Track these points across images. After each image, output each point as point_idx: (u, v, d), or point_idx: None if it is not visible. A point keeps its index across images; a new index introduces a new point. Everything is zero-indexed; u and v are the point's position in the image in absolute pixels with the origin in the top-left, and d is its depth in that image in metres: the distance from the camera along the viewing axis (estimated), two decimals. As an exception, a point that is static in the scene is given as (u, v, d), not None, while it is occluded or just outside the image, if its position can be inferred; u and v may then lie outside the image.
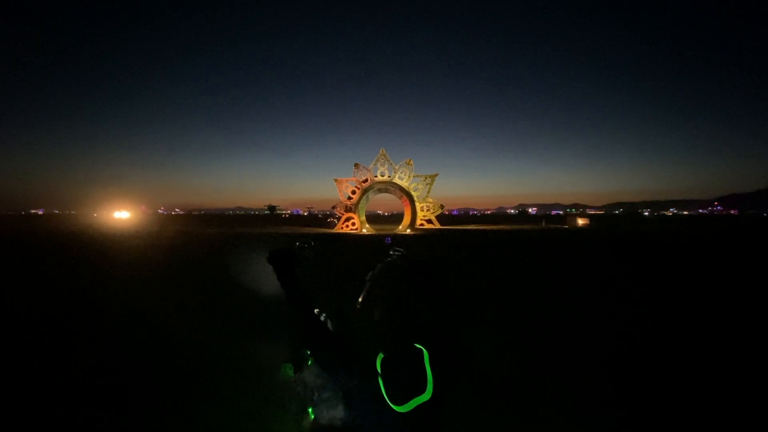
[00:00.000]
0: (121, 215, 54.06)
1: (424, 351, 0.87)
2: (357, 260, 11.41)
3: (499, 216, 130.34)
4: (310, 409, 1.17)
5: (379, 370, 0.89)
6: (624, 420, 2.82)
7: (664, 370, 3.60)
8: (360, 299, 1.29)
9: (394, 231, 30.44)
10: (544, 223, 46.27)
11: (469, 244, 19.48)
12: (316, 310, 1.33)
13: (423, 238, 23.45)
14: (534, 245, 18.48)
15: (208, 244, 18.23)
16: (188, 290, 7.43)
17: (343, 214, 31.68)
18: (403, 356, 0.87)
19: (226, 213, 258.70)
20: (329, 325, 1.33)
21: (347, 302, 1.38)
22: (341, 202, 32.07)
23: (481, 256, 13.60)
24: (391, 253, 1.43)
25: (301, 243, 1.50)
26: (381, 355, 0.90)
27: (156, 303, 6.35)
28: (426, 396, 0.79)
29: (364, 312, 1.22)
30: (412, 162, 32.71)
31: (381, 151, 32.38)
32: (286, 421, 2.34)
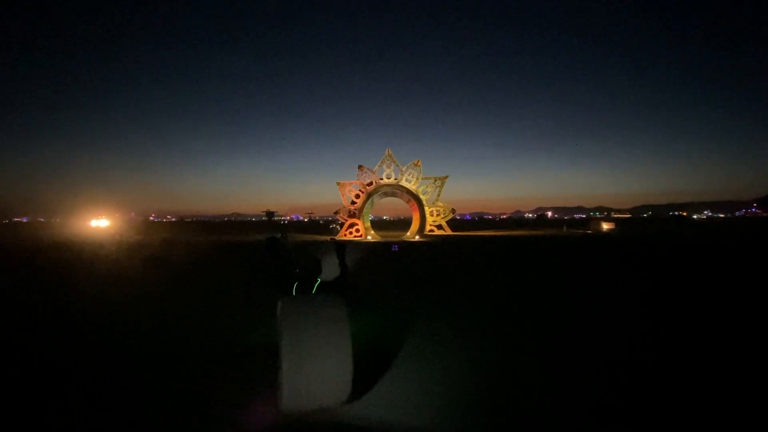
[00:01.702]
0: (99, 224, 51.82)
1: (318, 279, 3.55)
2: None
3: (516, 221, 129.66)
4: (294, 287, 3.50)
5: (315, 286, 3.54)
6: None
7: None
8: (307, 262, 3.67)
9: (402, 238, 30.45)
10: (565, 228, 45.91)
11: (482, 253, 19.20)
12: (296, 270, 3.56)
13: (432, 246, 23.35)
14: (558, 254, 18.15)
15: (182, 255, 17.67)
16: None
17: (346, 220, 31.76)
18: (313, 281, 3.54)
19: (222, 220, 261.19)
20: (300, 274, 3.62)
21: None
22: (344, 207, 32.20)
23: (497, 269, 13.33)
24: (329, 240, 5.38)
25: (282, 235, 4.87)
26: (318, 281, 3.60)
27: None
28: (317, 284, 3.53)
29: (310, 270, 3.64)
30: (420, 163, 32.75)
31: (387, 152, 32.49)
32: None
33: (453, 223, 40.80)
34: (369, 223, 34.15)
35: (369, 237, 30.90)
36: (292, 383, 2.97)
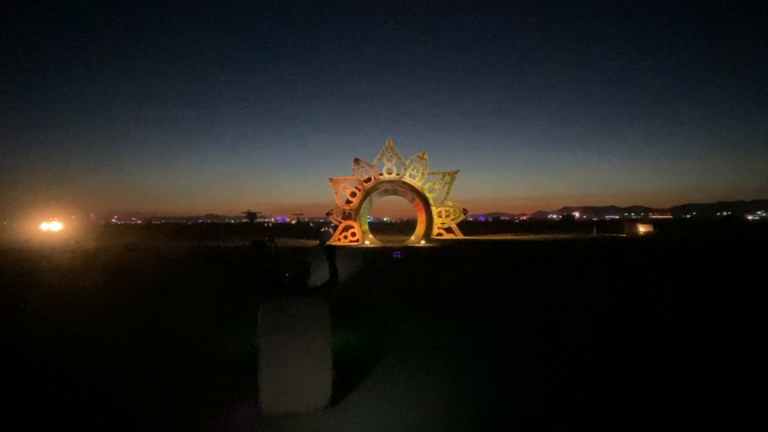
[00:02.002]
0: (51, 227, 51.01)
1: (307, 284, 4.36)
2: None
3: (538, 222, 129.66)
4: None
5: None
6: None
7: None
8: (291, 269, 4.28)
9: (405, 243, 30.45)
10: (595, 231, 45.89)
11: (499, 261, 19.02)
12: (287, 274, 4.15)
13: (440, 252, 23.26)
14: (587, 262, 18.01)
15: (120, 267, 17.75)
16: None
17: (340, 222, 31.74)
18: (301, 286, 4.28)
19: (196, 222, 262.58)
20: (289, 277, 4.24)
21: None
22: (338, 207, 32.20)
23: (517, 282, 13.02)
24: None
25: (269, 238, 5.05)
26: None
27: None
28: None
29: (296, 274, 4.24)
30: (426, 156, 32.72)
31: (387, 143, 32.50)
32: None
33: (465, 226, 40.80)
34: (367, 226, 34.18)
35: (367, 242, 30.85)
36: (271, 386, 3.57)
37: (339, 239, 30.82)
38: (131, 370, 5.18)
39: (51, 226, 50.74)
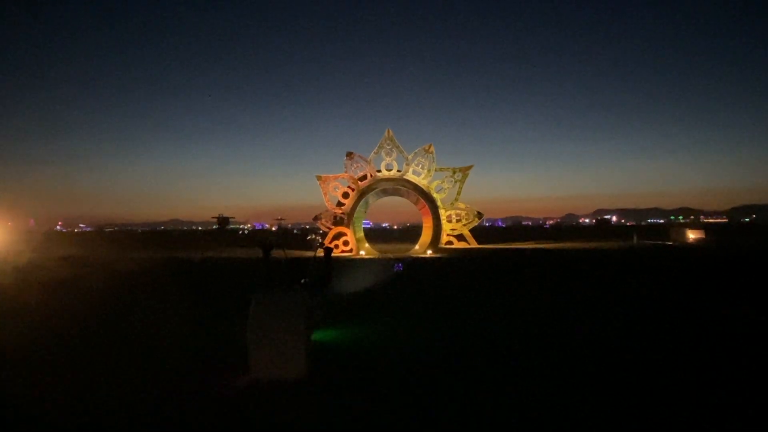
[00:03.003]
0: None
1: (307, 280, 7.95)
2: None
3: (568, 228, 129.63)
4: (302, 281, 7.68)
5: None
6: None
7: None
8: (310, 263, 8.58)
9: (408, 253, 30.27)
10: (636, 239, 45.77)
11: (520, 277, 18.80)
12: (303, 280, 7.56)
13: (450, 264, 22.94)
14: (629, 278, 17.66)
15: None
16: None
17: (330, 229, 31.57)
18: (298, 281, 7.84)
19: (157, 228, 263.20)
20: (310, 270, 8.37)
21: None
22: (327, 211, 32.09)
23: (544, 308, 12.57)
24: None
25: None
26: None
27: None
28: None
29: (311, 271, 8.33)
30: (433, 148, 32.70)
31: (386, 133, 32.47)
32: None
33: (479, 232, 40.52)
34: (362, 233, 34.14)
35: (362, 252, 30.74)
36: (257, 357, 6.08)
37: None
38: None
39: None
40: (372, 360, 7.09)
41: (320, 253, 9.03)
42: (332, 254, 9.78)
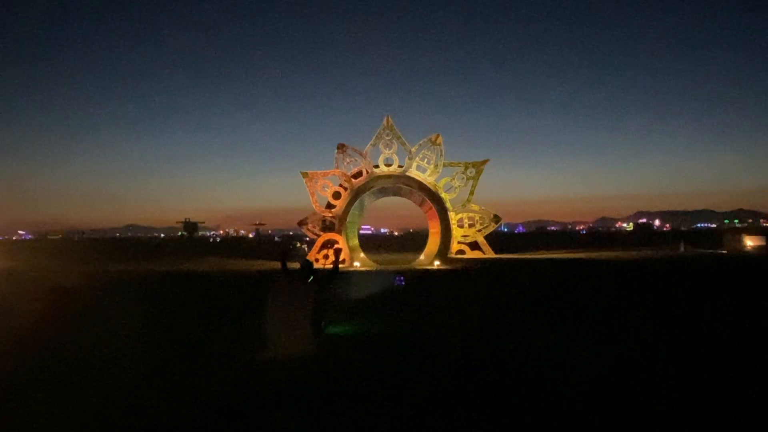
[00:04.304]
0: None
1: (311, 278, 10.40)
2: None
3: (603, 234, 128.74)
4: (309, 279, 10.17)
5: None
6: None
7: None
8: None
9: (411, 264, 29.91)
10: (683, 246, 43.85)
11: (545, 289, 17.82)
12: (310, 279, 9.86)
13: (461, 278, 22.44)
14: (677, 299, 16.54)
15: None
16: None
17: (318, 235, 30.80)
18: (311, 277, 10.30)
19: (112, 236, 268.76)
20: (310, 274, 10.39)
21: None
22: (315, 215, 31.34)
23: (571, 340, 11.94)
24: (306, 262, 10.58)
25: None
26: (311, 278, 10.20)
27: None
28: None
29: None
30: (441, 140, 31.98)
31: (385, 122, 31.90)
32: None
33: (496, 239, 40.27)
34: (357, 241, 33.67)
35: (356, 263, 30.09)
36: (274, 335, 8.64)
37: (317, 259, 28.06)
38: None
39: None
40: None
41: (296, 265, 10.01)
42: (314, 267, 10.45)
